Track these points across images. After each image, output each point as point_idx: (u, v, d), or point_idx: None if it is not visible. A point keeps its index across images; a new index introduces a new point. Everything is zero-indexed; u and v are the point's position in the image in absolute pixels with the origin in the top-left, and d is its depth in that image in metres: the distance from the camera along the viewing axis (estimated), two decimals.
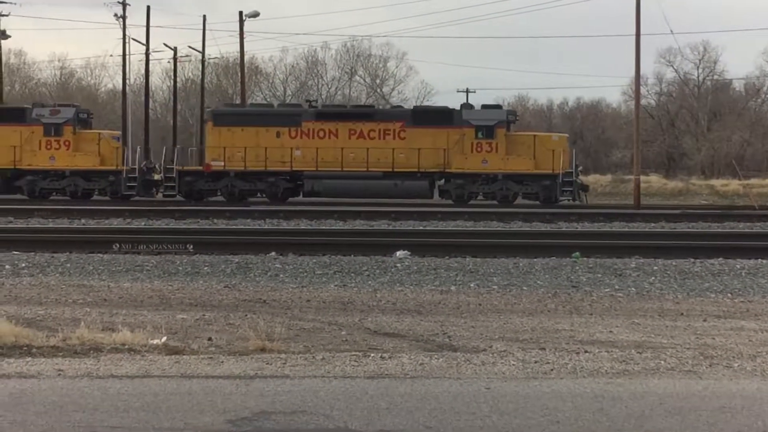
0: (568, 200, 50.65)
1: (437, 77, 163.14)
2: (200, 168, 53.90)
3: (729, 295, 18.84)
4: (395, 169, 51.50)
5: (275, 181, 52.66)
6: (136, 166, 53.87)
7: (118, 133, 61.39)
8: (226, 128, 53.02)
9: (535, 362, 11.97)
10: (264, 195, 53.15)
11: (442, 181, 52.67)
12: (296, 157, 52.24)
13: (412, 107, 55.78)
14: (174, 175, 53.07)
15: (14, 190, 54.29)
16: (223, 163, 52.49)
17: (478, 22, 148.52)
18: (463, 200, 51.13)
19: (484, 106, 56.71)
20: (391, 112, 55.69)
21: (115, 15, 73.91)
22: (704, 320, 15.66)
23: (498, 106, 57.81)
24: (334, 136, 52.52)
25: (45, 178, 53.92)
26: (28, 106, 57.46)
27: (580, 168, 53.54)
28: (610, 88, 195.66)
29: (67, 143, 53.64)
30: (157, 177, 55.56)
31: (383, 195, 50.77)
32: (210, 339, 13.50)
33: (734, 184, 69.42)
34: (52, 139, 53.56)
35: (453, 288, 19.38)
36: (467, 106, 54.79)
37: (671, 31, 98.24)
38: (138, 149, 56.79)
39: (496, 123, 51.82)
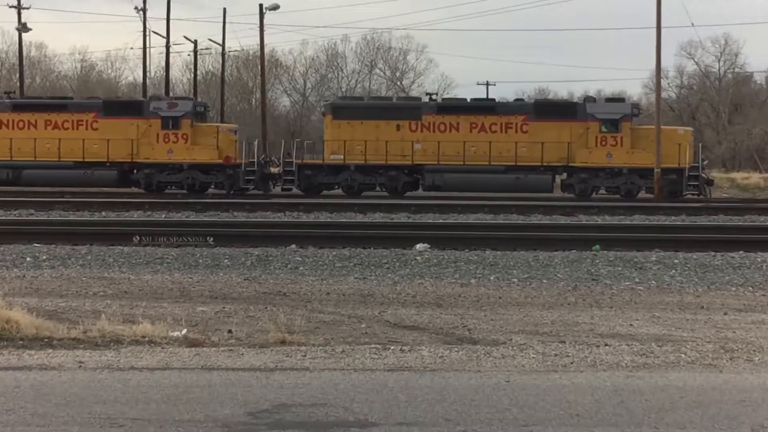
0: (693, 195, 49.84)
1: (457, 70, 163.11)
2: (318, 162, 53.49)
3: (750, 288, 18.78)
4: (518, 163, 51.08)
5: (396, 174, 52.14)
6: (255, 160, 53.49)
7: (236, 126, 60.87)
8: (346, 121, 52.54)
9: (555, 355, 11.96)
10: (383, 189, 52.55)
11: (564, 175, 52.32)
12: (417, 151, 51.82)
13: (533, 100, 55.09)
14: (293, 169, 52.56)
15: (131, 183, 54.19)
16: (342, 157, 52.08)
17: (498, 15, 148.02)
18: (586, 195, 50.66)
19: (607, 99, 56.08)
20: (513, 106, 54.86)
21: (136, 8, 74.29)
22: (725, 314, 15.62)
23: (622, 99, 57.19)
24: (455, 130, 52.07)
25: (162, 172, 53.42)
26: (145, 99, 57.23)
27: (706, 162, 52.85)
28: (630, 80, 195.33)
29: (185, 136, 53.19)
30: (274, 170, 55.19)
31: (505, 189, 50.33)
32: (230, 331, 13.52)
33: (755, 177, 69.18)
34: (170, 132, 53.11)
35: (473, 281, 19.37)
36: (590, 99, 54.19)
37: (692, 23, 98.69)
38: (256, 142, 56.31)
39: (621, 116, 51.31)
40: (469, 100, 56.86)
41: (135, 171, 54.09)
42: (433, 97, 57.50)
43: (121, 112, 54.27)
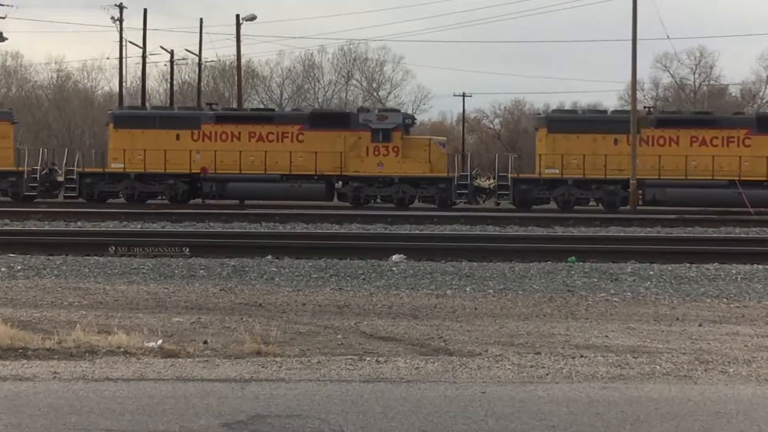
0: None
1: (434, 81, 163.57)
2: (534, 176, 52.57)
3: (724, 300, 18.85)
4: (741, 178, 50.47)
5: (614, 189, 51.34)
6: (467, 173, 52.63)
7: (445, 138, 59.88)
8: (562, 135, 51.82)
9: (531, 367, 11.97)
10: (599, 203, 51.89)
11: None
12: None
13: (755, 113, 54.39)
14: (508, 183, 51.77)
15: (339, 196, 53.25)
16: (558, 171, 51.37)
17: (474, 27, 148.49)
18: None
19: None
20: (735, 119, 53.76)
21: (112, 18, 74.08)
22: (700, 325, 15.67)
23: None
24: (674, 144, 51.53)
25: (371, 185, 52.52)
26: (353, 111, 56.61)
27: None
28: (607, 92, 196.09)
29: (395, 149, 52.36)
30: (484, 184, 54.41)
31: (728, 204, 49.68)
32: (206, 342, 13.49)
33: None
34: (380, 144, 52.31)
35: (449, 292, 19.38)
36: None
37: (668, 36, 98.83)
38: (469, 154, 55.30)
39: None
40: (689, 113, 56.01)
41: (341, 184, 53.17)
42: (651, 110, 56.46)
43: (329, 124, 53.46)
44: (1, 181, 53.91)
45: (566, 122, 53.00)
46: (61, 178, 54.88)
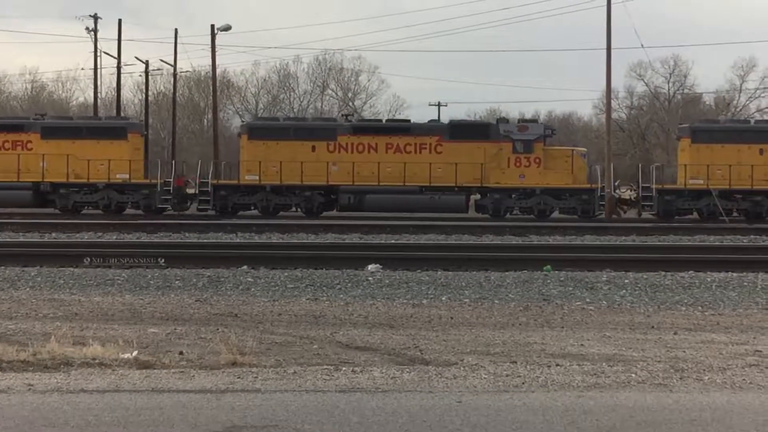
0: None
1: (409, 91, 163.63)
2: (679, 187, 52.13)
3: (699, 308, 18.90)
4: None
5: (760, 200, 51.14)
6: (603, 185, 52.20)
7: (585, 149, 59.39)
8: (705, 145, 51.50)
9: (507, 375, 11.97)
10: (744, 215, 51.43)
11: None
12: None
13: None
14: (652, 194, 51.42)
15: (477, 208, 52.87)
16: (703, 181, 51.02)
17: (449, 36, 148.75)
18: None
19: None
20: None
21: (87, 28, 73.88)
22: (675, 333, 15.71)
23: None
24: None
25: (510, 196, 52.13)
26: (493, 122, 56.25)
27: None
28: (581, 101, 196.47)
29: (537, 160, 52.02)
30: (625, 195, 54.14)
31: None
32: (181, 353, 13.45)
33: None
34: (521, 156, 51.96)
35: (425, 301, 19.39)
36: None
37: (642, 45, 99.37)
38: (611, 166, 54.86)
39: None
40: None
41: (478, 195, 52.76)
42: None
43: (468, 135, 53.00)
44: (134, 193, 53.68)
45: (710, 132, 52.63)
46: (191, 191, 54.66)
